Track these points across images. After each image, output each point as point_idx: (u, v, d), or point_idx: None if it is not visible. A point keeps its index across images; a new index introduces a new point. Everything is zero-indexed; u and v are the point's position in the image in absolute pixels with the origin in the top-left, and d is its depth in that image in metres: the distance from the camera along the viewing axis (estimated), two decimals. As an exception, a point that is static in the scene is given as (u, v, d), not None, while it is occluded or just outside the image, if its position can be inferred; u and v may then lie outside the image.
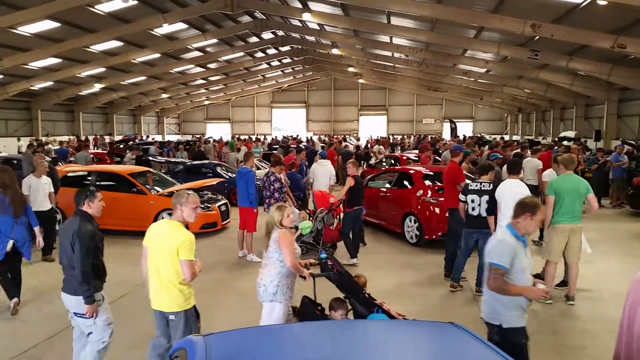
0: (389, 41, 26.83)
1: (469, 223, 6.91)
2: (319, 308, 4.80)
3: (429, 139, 30.54)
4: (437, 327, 3.05)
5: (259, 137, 38.69)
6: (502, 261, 3.62)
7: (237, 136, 39.48)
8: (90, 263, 4.21)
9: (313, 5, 22.66)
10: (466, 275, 7.40)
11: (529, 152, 11.97)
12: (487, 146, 17.67)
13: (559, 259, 6.62)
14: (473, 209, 6.78)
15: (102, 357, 4.36)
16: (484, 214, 6.70)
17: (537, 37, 18.29)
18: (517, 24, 16.63)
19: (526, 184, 7.11)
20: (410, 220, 9.84)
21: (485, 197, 6.69)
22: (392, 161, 17.44)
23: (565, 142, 19.33)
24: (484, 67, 28.19)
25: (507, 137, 38.05)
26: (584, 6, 14.37)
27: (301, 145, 21.51)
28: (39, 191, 8.48)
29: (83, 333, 4.39)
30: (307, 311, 4.79)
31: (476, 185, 6.88)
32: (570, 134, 26.71)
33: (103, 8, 18.85)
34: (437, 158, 16.19)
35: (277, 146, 25.28)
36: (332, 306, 4.63)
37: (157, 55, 28.14)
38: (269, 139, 38.10)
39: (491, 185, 6.79)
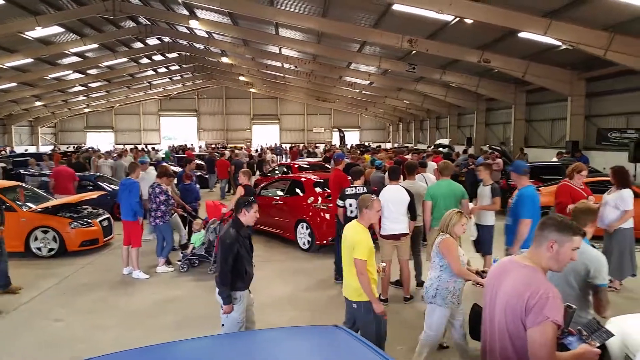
0: (278, 52, 27.23)
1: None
2: None
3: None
4: (319, 330, 3.15)
5: (153, 147, 37.19)
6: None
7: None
8: (230, 266, 4.48)
9: (200, 13, 22.30)
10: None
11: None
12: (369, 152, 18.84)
13: None
14: (351, 211, 7.13)
15: None
16: None
17: (414, 52, 19.71)
18: (395, 39, 17.81)
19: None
20: (302, 227, 10.04)
21: None
22: (285, 169, 17.64)
23: (440, 149, 20.93)
24: (367, 79, 29.75)
25: (389, 145, 40.49)
26: (453, 24, 15.78)
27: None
28: None
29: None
30: (474, 318, 4.76)
31: (352, 190, 7.23)
32: (445, 141, 29.11)
33: (-40, 6, 16.96)
34: (328, 166, 16.66)
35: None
36: None
37: (30, 60, 25.93)
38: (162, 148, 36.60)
39: (364, 188, 7.19)
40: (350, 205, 7.13)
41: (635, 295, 7.00)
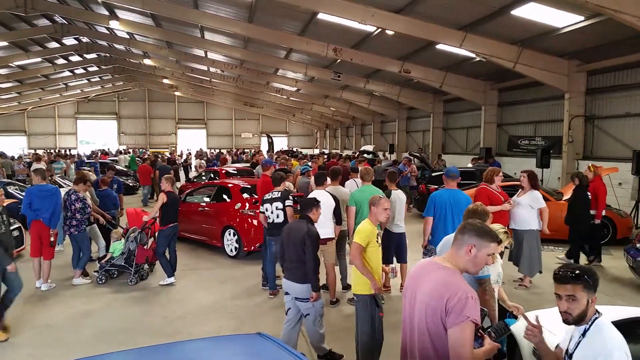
0: (204, 55, 26.76)
1: (268, 231, 7.37)
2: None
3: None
4: (244, 339, 3.16)
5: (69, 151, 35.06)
6: None
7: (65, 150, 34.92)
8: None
9: (121, 14, 21.43)
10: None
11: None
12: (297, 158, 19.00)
13: None
14: (269, 217, 7.22)
15: (319, 329, 5.06)
16: (276, 220, 7.15)
17: (339, 60, 20.15)
18: (321, 47, 18.13)
19: None
20: (229, 234, 9.95)
21: (276, 204, 7.15)
22: (212, 175, 17.35)
23: (365, 155, 21.55)
24: (294, 86, 30.03)
25: (317, 151, 41.04)
26: (376, 34, 16.31)
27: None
28: None
29: (296, 315, 5.10)
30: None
31: (269, 195, 7.31)
32: (369, 147, 30.00)
33: None
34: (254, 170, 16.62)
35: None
36: None
37: None
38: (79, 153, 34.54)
39: (280, 194, 7.26)
40: (267, 210, 7.21)
41: (541, 291, 7.59)
